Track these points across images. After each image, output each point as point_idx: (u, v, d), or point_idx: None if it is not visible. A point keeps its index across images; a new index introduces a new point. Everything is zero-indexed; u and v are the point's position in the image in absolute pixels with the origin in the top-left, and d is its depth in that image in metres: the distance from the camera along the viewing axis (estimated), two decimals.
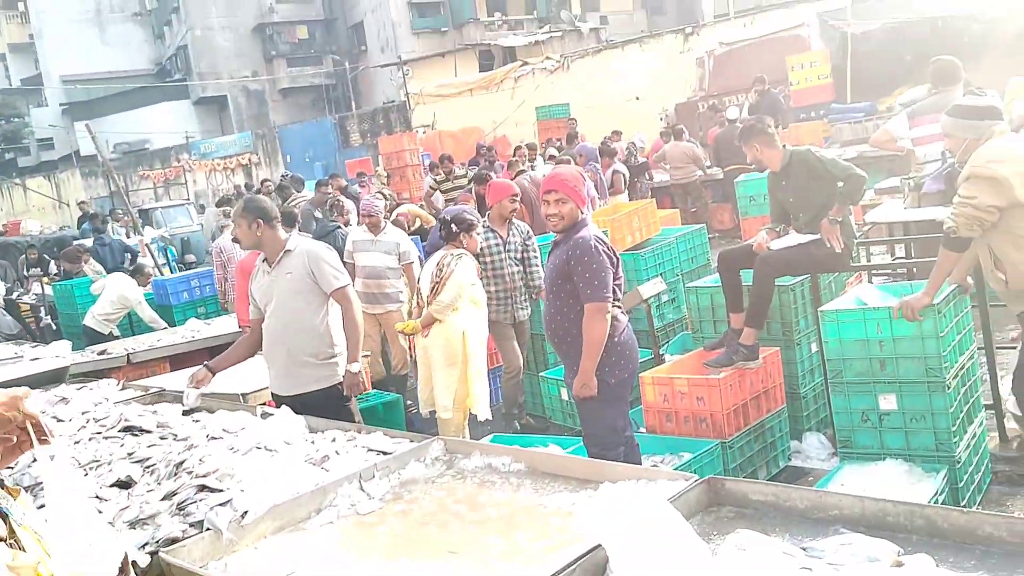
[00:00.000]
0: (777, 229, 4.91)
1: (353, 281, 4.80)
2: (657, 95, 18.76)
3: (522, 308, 5.95)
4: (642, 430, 4.78)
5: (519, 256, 5.98)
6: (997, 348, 4.67)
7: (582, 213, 3.89)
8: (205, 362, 4.31)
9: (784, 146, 4.87)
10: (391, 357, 6.85)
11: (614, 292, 3.83)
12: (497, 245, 5.88)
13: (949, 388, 3.83)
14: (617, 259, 3.90)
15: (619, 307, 3.91)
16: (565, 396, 5.70)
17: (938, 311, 3.80)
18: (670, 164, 12.67)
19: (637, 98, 19.15)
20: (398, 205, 10.61)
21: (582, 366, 3.76)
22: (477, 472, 3.08)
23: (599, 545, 2.10)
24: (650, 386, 4.62)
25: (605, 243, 3.85)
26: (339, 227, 7.86)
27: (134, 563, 2.05)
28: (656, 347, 5.81)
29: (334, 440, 3.51)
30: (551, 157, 11.67)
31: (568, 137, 13.39)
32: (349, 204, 8.87)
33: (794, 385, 4.97)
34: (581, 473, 2.90)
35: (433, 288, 5.25)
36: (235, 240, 4.66)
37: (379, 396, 6.03)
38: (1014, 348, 4.29)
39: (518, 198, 6.10)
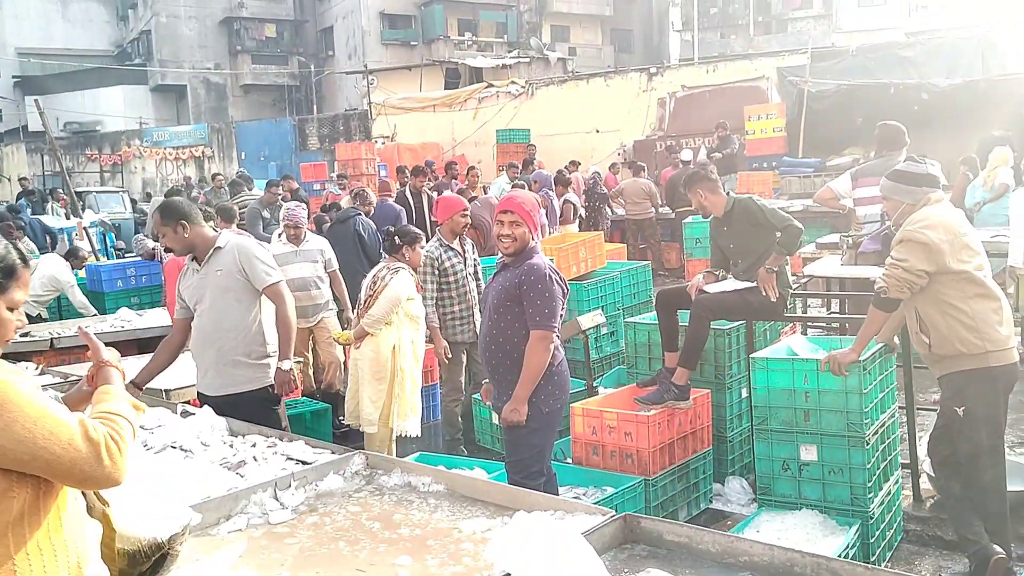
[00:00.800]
0: (716, 273, 4.99)
1: None
2: (616, 130, 19.01)
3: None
4: (568, 461, 4.78)
5: (473, 272, 5.91)
6: (918, 409, 4.80)
7: (533, 239, 3.89)
8: (131, 380, 4.15)
9: (728, 193, 4.97)
10: (323, 373, 6.70)
11: None
12: (460, 263, 5.76)
13: (868, 444, 3.92)
14: (566, 291, 3.89)
15: (558, 337, 3.91)
16: (496, 420, 5.67)
17: (863, 368, 3.89)
18: (626, 200, 12.82)
19: (597, 131, 19.35)
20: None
21: (517, 392, 3.74)
22: (396, 490, 3.04)
23: (508, 574, 2.08)
24: (580, 417, 4.63)
25: (558, 274, 3.85)
26: (359, 214, 8.04)
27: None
28: (590, 379, 5.84)
29: (254, 445, 3.43)
30: None
31: (524, 163, 13.47)
32: (372, 195, 9.24)
33: (722, 428, 5.03)
34: (500, 499, 2.88)
35: (366, 301, 5.20)
36: (168, 250, 4.51)
37: (308, 404, 5.94)
38: (935, 410, 4.40)
39: (468, 212, 6.02)
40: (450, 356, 5.75)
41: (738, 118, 15.45)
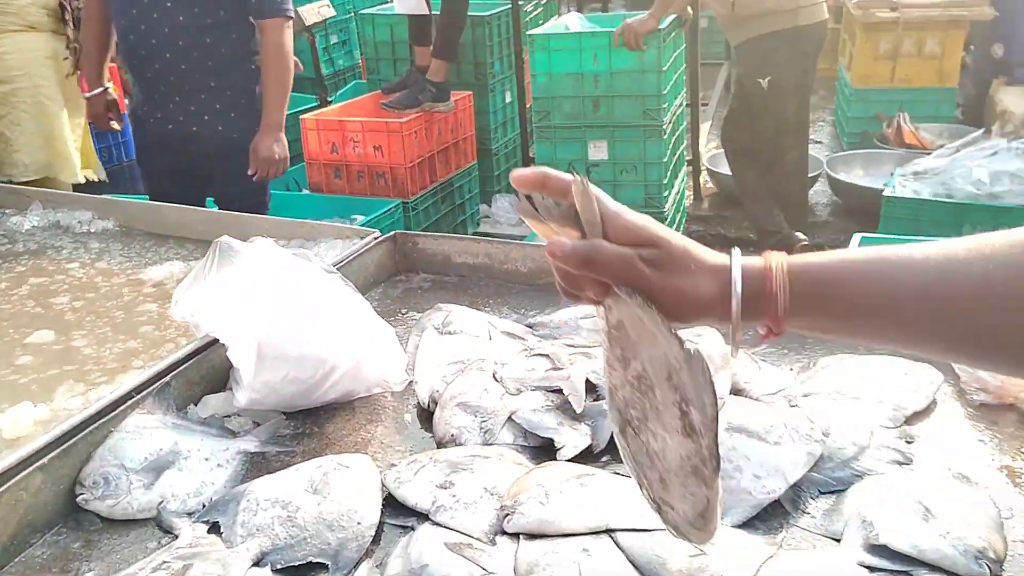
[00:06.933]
0: None
1: None
2: None
3: None
4: (305, 191, 3.85)
5: None
6: (702, 105, 4.30)
7: None
8: None
9: None
10: None
11: None
12: None
13: (664, 134, 3.31)
14: None
15: None
16: None
17: (662, 39, 3.18)
18: None
19: None
20: None
21: (275, 117, 2.60)
22: (35, 235, 1.95)
23: (215, 340, 1.19)
24: (313, 132, 3.61)
25: None
26: None
27: None
28: (323, 94, 4.75)
29: None
30: None
31: None
32: None
33: (485, 140, 4.27)
34: (203, 233, 1.91)
35: None
36: None
37: None
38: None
39: None
40: None
41: None
